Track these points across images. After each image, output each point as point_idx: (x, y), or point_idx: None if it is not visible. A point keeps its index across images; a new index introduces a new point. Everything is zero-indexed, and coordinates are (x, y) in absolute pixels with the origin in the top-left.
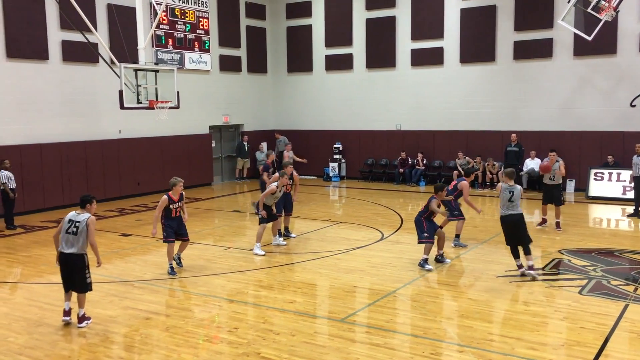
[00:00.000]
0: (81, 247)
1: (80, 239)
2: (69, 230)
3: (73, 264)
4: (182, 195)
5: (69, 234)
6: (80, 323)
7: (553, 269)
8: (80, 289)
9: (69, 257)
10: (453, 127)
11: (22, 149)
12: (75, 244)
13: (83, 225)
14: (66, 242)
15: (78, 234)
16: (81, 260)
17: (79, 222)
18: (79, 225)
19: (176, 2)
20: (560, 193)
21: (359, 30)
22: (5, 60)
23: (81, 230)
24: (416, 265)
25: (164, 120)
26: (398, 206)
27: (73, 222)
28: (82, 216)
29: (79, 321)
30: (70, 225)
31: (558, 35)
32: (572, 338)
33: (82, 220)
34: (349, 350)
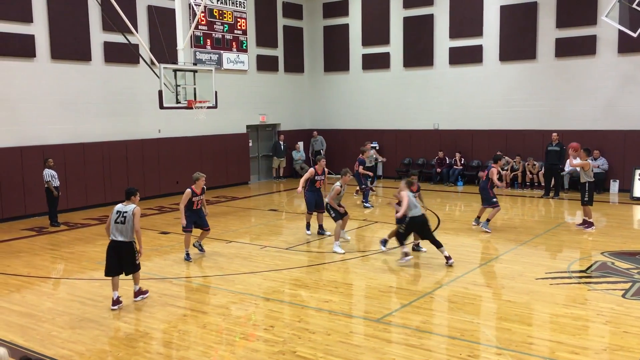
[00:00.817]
0: (129, 236)
1: (127, 227)
2: (117, 220)
3: (124, 250)
4: (203, 189)
5: (118, 223)
6: (135, 297)
7: (595, 272)
8: (132, 270)
9: (119, 244)
10: (492, 127)
11: (66, 148)
12: (123, 233)
13: (130, 215)
14: (116, 231)
15: (126, 223)
16: (130, 246)
17: (126, 213)
18: (126, 215)
19: (214, 3)
20: (585, 191)
21: (397, 29)
22: (50, 61)
23: (128, 219)
24: (454, 265)
25: (202, 119)
26: (435, 206)
27: (121, 212)
28: (128, 207)
29: (135, 295)
30: (119, 216)
31: (602, 32)
32: (614, 342)
33: (129, 210)
34: (385, 351)
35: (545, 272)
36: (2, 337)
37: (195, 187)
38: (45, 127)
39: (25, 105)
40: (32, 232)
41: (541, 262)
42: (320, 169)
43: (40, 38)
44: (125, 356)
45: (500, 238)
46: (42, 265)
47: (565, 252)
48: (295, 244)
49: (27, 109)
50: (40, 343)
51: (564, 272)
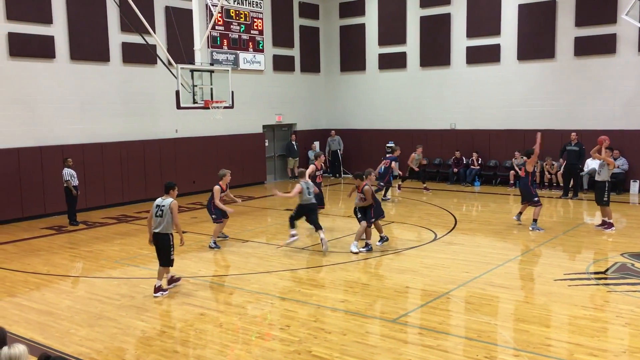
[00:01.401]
0: (166, 227)
1: (165, 220)
2: (157, 214)
3: (161, 242)
4: (227, 185)
5: (157, 217)
6: (155, 293)
7: (615, 273)
8: (164, 264)
9: (157, 235)
10: (509, 126)
11: (85, 148)
12: (161, 225)
13: (167, 208)
14: (155, 223)
15: (163, 216)
16: (167, 239)
17: (164, 206)
18: (163, 209)
19: (231, 4)
20: (604, 191)
21: (413, 28)
22: (69, 62)
23: (165, 212)
24: (470, 266)
25: (218, 119)
26: (452, 206)
27: (159, 206)
28: (166, 201)
29: (155, 291)
30: (157, 210)
31: (622, 31)
32: (634, 345)
33: (167, 204)
34: (401, 351)
35: (563, 273)
36: (21, 334)
37: (222, 183)
38: (64, 127)
39: (44, 105)
40: (52, 230)
41: (560, 263)
42: (319, 165)
43: (59, 39)
44: (142, 354)
45: (518, 239)
46: (61, 263)
47: (584, 253)
48: (311, 243)
49: (46, 109)
50: (59, 340)
51: (582, 274)
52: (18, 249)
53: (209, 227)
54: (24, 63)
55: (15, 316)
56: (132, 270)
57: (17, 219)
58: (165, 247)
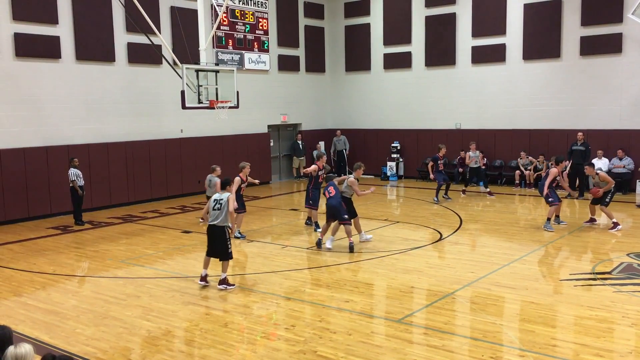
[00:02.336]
0: (223, 220)
1: (222, 213)
2: (214, 207)
3: (217, 234)
4: (247, 177)
5: (215, 210)
6: (220, 285)
7: (621, 273)
8: (223, 257)
9: (214, 228)
10: (515, 126)
11: (90, 148)
12: (218, 218)
13: (224, 202)
14: (212, 217)
15: (221, 209)
16: (223, 231)
17: (222, 200)
18: (222, 203)
19: (236, 4)
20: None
21: (418, 28)
22: (75, 62)
23: (223, 206)
24: (475, 266)
25: (223, 119)
26: (457, 206)
27: (217, 200)
28: (224, 195)
29: (219, 283)
30: (215, 204)
31: (628, 30)
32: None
33: (224, 197)
34: (406, 352)
35: (569, 273)
36: (27, 334)
37: (242, 175)
38: (70, 127)
39: (50, 105)
40: (57, 230)
41: (565, 264)
42: (321, 165)
43: (65, 39)
44: (147, 354)
45: (524, 239)
46: (67, 263)
47: (590, 254)
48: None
49: (52, 109)
50: (65, 340)
51: (588, 274)
52: (24, 248)
53: None
54: (29, 63)
55: (21, 315)
56: (138, 270)
57: (23, 218)
58: (222, 239)
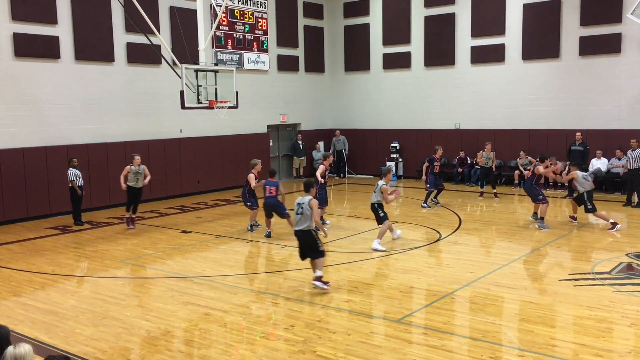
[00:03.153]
0: (307, 225)
1: (305, 217)
2: (298, 212)
3: (305, 239)
4: (259, 173)
5: (298, 214)
6: (315, 281)
7: (620, 273)
8: (315, 256)
9: (300, 233)
10: (514, 126)
11: (90, 148)
12: (302, 223)
13: (306, 206)
14: (296, 222)
15: (304, 213)
16: (310, 235)
17: (304, 204)
18: (303, 207)
19: (235, 3)
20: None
21: (417, 28)
22: (74, 62)
23: (305, 210)
24: (474, 266)
25: (223, 119)
26: (456, 206)
27: (299, 204)
28: (305, 199)
29: (314, 279)
30: (298, 208)
31: (627, 30)
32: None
33: (305, 202)
34: (405, 352)
35: (568, 273)
36: (26, 334)
37: (255, 171)
38: (69, 127)
39: (49, 105)
40: (57, 230)
41: (564, 263)
42: (327, 165)
43: (64, 39)
44: (146, 354)
45: (523, 238)
46: (66, 263)
47: (589, 253)
48: None
49: (51, 109)
50: (64, 340)
51: (587, 274)
52: (23, 248)
53: (214, 227)
54: (29, 63)
55: (20, 316)
56: (137, 270)
57: (22, 218)
58: (310, 243)
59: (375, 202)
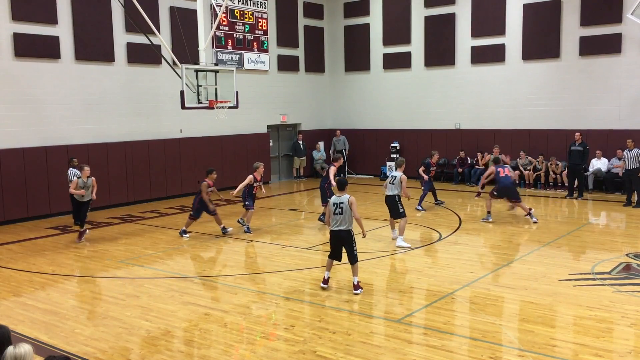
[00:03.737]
0: (348, 224)
1: (345, 217)
2: (335, 211)
3: (342, 239)
4: (262, 177)
5: (336, 214)
6: (355, 290)
7: (620, 273)
8: (351, 261)
9: (339, 233)
10: (514, 126)
11: (90, 148)
12: (342, 223)
13: (346, 205)
14: (335, 222)
15: (343, 213)
16: (348, 235)
17: (342, 203)
18: (342, 206)
19: (236, 4)
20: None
21: (418, 28)
22: (74, 62)
23: (345, 209)
24: (475, 266)
25: (223, 119)
26: (457, 206)
27: (337, 204)
28: (343, 197)
29: (354, 288)
30: (336, 207)
31: (627, 30)
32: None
33: (345, 201)
34: (406, 352)
35: (568, 273)
36: (27, 334)
37: (257, 174)
38: (69, 127)
39: (50, 105)
40: (57, 230)
41: (565, 264)
42: (337, 165)
43: (64, 39)
44: (147, 354)
45: (523, 239)
46: (66, 263)
47: (589, 254)
48: (316, 243)
49: (51, 109)
50: (64, 340)
51: (588, 274)
52: (23, 248)
53: (213, 227)
54: (29, 63)
55: (20, 316)
56: (137, 270)
57: (22, 218)
58: (348, 243)
59: (395, 194)
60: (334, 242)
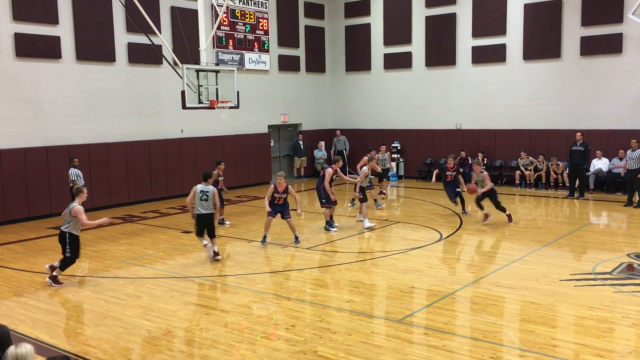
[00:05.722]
0: (211, 209)
1: (210, 203)
2: (202, 198)
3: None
4: (287, 188)
5: (203, 200)
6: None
7: (621, 273)
8: (212, 234)
9: (204, 216)
10: (515, 126)
11: (91, 148)
12: (207, 207)
13: (211, 193)
14: (201, 207)
15: (208, 200)
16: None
17: (208, 192)
18: (208, 194)
19: (236, 4)
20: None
21: (418, 28)
22: (75, 62)
23: (210, 197)
24: (475, 266)
25: (224, 119)
26: (457, 207)
27: (203, 192)
28: (209, 187)
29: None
30: (202, 195)
31: (628, 30)
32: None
33: (210, 190)
34: (406, 352)
35: (569, 273)
36: (28, 334)
37: (278, 186)
38: (70, 127)
39: (51, 105)
40: (58, 230)
41: (566, 264)
42: (336, 168)
43: (65, 39)
44: (147, 354)
45: (524, 239)
46: None
47: (590, 254)
48: (317, 243)
49: (53, 109)
50: (65, 340)
51: (589, 274)
52: (24, 248)
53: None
54: (30, 63)
55: (21, 315)
56: (138, 270)
57: (23, 218)
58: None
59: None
60: (198, 223)
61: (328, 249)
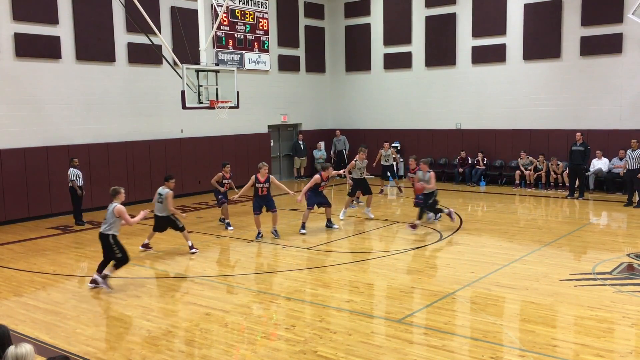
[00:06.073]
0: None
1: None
2: (158, 200)
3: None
4: (268, 178)
5: (158, 202)
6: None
7: (621, 273)
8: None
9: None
10: (515, 126)
11: (90, 148)
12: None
13: (164, 196)
14: (156, 209)
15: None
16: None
17: (162, 195)
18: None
19: (236, 4)
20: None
21: (418, 28)
22: (75, 62)
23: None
24: (475, 266)
25: (224, 119)
26: (457, 206)
27: (160, 194)
28: (165, 190)
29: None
30: (158, 197)
31: (628, 30)
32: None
33: (164, 193)
34: (406, 352)
35: (569, 273)
36: (28, 334)
37: (260, 175)
38: (70, 127)
39: (51, 105)
40: (58, 230)
41: (565, 264)
42: (325, 176)
43: (65, 39)
44: (147, 354)
45: (524, 239)
46: (67, 263)
47: (590, 254)
48: (317, 243)
49: (52, 109)
50: (65, 340)
51: (589, 274)
52: (24, 248)
53: (215, 227)
54: (30, 63)
55: (21, 315)
56: (138, 270)
57: (23, 218)
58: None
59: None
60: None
61: (328, 250)
